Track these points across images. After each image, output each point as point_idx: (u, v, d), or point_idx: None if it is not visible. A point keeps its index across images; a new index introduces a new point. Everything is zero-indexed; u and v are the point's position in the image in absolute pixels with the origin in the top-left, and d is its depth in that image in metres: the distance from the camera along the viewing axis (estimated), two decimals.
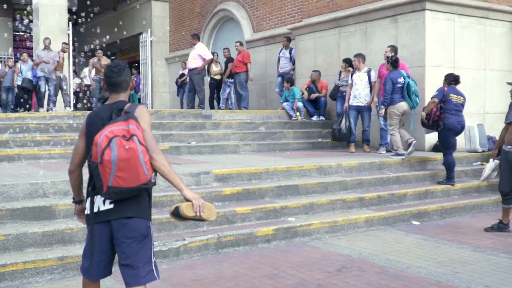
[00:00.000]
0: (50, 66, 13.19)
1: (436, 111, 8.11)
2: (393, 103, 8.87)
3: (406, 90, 8.81)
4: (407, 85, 8.82)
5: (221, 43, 17.17)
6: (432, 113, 8.14)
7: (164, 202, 5.95)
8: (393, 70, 9.01)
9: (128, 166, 2.88)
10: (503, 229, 6.67)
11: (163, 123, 10.06)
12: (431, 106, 8.14)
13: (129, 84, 3.25)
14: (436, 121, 8.16)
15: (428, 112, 8.16)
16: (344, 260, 5.36)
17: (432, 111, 8.13)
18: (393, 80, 8.88)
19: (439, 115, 8.11)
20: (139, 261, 3.03)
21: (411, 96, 8.85)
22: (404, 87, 8.82)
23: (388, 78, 8.95)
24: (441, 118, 8.12)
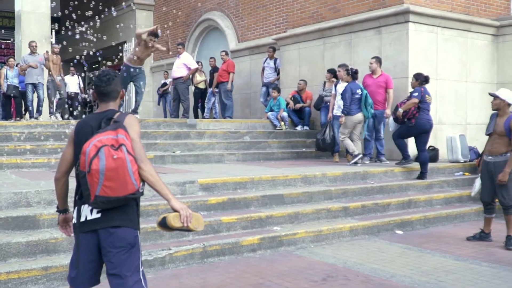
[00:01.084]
0: (37, 71, 12.67)
1: (413, 110, 8.58)
2: (350, 113, 9.36)
3: (364, 101, 9.38)
4: (364, 97, 9.39)
5: (205, 52, 17.21)
6: (410, 111, 8.57)
7: (149, 212, 5.93)
8: (352, 82, 9.53)
9: (116, 176, 2.88)
10: (485, 238, 6.76)
11: (148, 132, 10.04)
12: (411, 105, 8.57)
13: (119, 93, 3.25)
14: (410, 118, 8.62)
15: (406, 110, 8.56)
16: (329, 269, 5.39)
17: (410, 110, 8.56)
18: (352, 90, 9.38)
19: (415, 114, 8.60)
20: (127, 271, 3.02)
21: (367, 107, 9.43)
22: (362, 99, 9.37)
23: (348, 88, 9.43)
24: (415, 117, 8.61)
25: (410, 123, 8.66)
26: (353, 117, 9.42)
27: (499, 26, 11.57)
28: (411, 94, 8.80)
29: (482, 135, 6.84)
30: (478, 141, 10.66)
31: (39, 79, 12.78)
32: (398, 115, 8.66)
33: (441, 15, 10.63)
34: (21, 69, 12.74)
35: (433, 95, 10.62)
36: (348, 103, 9.35)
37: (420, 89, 8.69)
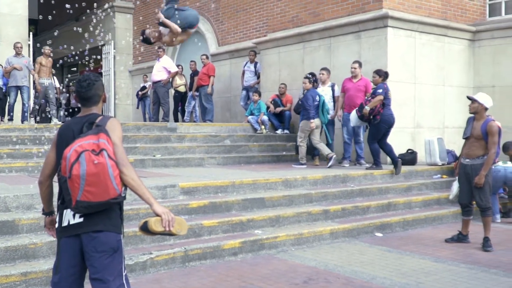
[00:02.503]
0: (22, 73, 12.15)
1: (379, 107, 8.90)
2: (309, 118, 9.64)
3: (321, 107, 9.77)
4: (322, 103, 9.77)
5: (185, 56, 17.18)
6: (375, 108, 8.88)
7: (130, 216, 5.90)
8: (312, 89, 9.88)
9: (97, 181, 2.87)
10: (463, 240, 6.87)
11: (128, 136, 9.98)
12: (377, 102, 8.88)
13: (101, 97, 3.24)
14: (375, 115, 8.93)
15: (373, 107, 8.85)
16: (310, 272, 5.42)
17: (376, 107, 8.85)
18: (313, 97, 9.70)
19: (380, 111, 8.93)
20: (110, 275, 3.01)
21: (324, 113, 9.83)
22: (320, 105, 9.73)
23: (309, 95, 9.74)
24: (380, 113, 8.93)
25: (375, 119, 8.98)
26: (312, 122, 9.78)
27: (475, 31, 11.77)
28: (375, 91, 9.03)
29: (460, 138, 6.96)
30: (456, 144, 10.82)
31: (23, 82, 12.26)
32: (365, 112, 8.93)
33: (419, 20, 10.78)
34: (5, 71, 12.24)
35: (411, 99, 10.79)
36: (311, 110, 9.70)
37: (383, 85, 9.04)
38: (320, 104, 9.81)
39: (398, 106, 10.52)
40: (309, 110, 9.69)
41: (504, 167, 8.24)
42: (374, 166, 9.29)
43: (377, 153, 9.28)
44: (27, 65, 12.43)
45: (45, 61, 12.77)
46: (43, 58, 12.77)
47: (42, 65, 12.70)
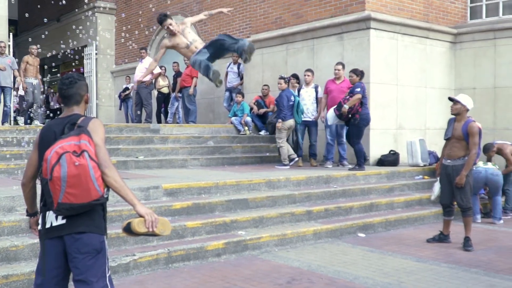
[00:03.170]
0: (6, 74, 11.83)
1: (357, 106, 9.03)
2: (284, 119, 9.75)
3: (296, 108, 9.87)
4: (297, 103, 9.88)
5: (168, 57, 17.08)
6: (354, 107, 9.01)
7: (113, 217, 5.86)
8: (287, 89, 9.98)
9: (78, 183, 2.86)
10: (444, 240, 6.94)
11: (110, 137, 9.90)
12: (355, 101, 9.01)
13: (82, 97, 3.21)
14: (354, 114, 9.05)
15: (351, 106, 8.98)
16: (293, 273, 5.44)
17: (355, 106, 8.98)
18: (288, 97, 9.79)
19: (358, 109, 9.07)
20: (93, 276, 3.00)
21: (299, 113, 9.93)
22: (294, 105, 9.81)
23: (284, 95, 9.84)
24: (359, 112, 9.06)
25: (355, 118, 9.11)
26: (287, 122, 9.87)
27: (456, 33, 11.91)
28: (353, 90, 9.13)
29: (441, 140, 7.03)
30: (437, 145, 10.93)
31: (7, 83, 11.96)
32: (344, 111, 9.05)
33: (401, 22, 10.88)
34: None
35: (393, 100, 10.89)
36: (285, 110, 9.78)
37: (361, 84, 9.19)
38: (295, 105, 9.91)
39: (381, 108, 10.63)
40: (283, 109, 9.79)
41: (485, 169, 8.35)
42: (357, 167, 9.35)
43: (361, 154, 9.36)
44: (10, 65, 12.15)
45: (31, 60, 12.57)
46: (29, 57, 12.57)
47: (28, 64, 12.49)
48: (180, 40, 7.39)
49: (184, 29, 7.40)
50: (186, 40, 7.41)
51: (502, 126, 11.24)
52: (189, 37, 7.40)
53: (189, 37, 7.41)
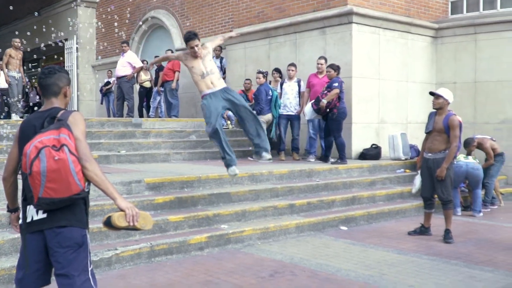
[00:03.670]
0: None
1: (335, 100, 9.15)
2: (263, 113, 9.85)
3: (274, 102, 10.02)
4: (275, 98, 10.03)
5: (150, 51, 17.02)
6: (332, 102, 9.14)
7: (95, 212, 5.82)
8: (265, 83, 10.13)
9: (58, 177, 2.82)
10: (425, 232, 7.01)
11: (92, 131, 9.82)
12: (333, 96, 9.13)
13: (60, 88, 3.15)
14: (332, 108, 9.16)
15: (329, 101, 9.09)
16: (276, 266, 5.46)
17: (333, 100, 9.11)
18: (266, 91, 9.92)
19: (336, 104, 9.19)
20: (74, 270, 2.97)
21: (276, 108, 10.08)
22: (272, 100, 9.96)
23: (262, 90, 9.96)
24: (337, 107, 9.18)
25: (332, 113, 9.22)
26: (265, 116, 9.93)
27: (438, 28, 12.00)
28: (330, 85, 9.19)
29: (422, 133, 7.09)
30: (418, 139, 11.01)
31: None
32: (322, 106, 9.15)
33: (383, 16, 10.93)
34: None
35: (375, 94, 10.95)
36: (263, 104, 9.84)
37: (338, 79, 9.31)
38: (273, 99, 9.98)
39: (363, 102, 10.69)
40: (260, 103, 9.87)
41: (466, 163, 8.45)
42: (339, 161, 9.40)
43: (343, 147, 9.44)
44: None
45: (14, 53, 12.38)
46: (12, 50, 12.38)
47: (11, 57, 12.30)
48: (197, 65, 6.61)
49: (206, 55, 6.65)
50: (204, 68, 6.61)
51: (482, 120, 11.38)
52: (208, 66, 6.61)
53: (208, 66, 6.62)
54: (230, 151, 6.51)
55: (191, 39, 6.50)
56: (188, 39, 6.53)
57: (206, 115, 6.42)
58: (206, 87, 6.57)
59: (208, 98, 6.49)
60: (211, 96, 6.51)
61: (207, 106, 6.42)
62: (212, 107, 6.41)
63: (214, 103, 6.43)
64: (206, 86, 6.56)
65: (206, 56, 6.64)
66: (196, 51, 6.53)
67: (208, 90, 6.54)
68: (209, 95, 6.52)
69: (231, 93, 6.60)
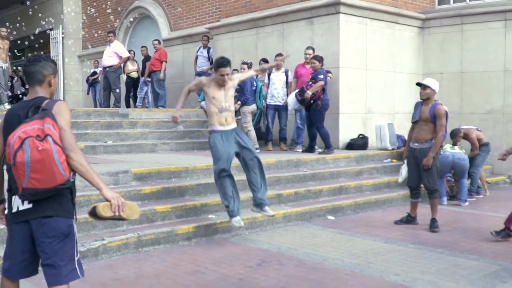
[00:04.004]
0: None
1: (320, 92, 9.22)
2: (247, 103, 9.83)
3: (259, 93, 10.04)
4: (259, 89, 10.03)
5: (137, 41, 16.90)
6: (317, 93, 9.20)
7: (81, 202, 5.79)
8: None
9: (42, 168, 2.80)
10: (411, 221, 7.07)
11: (78, 122, 9.77)
12: (318, 87, 9.19)
13: (45, 77, 3.11)
14: (316, 100, 9.24)
15: (314, 92, 9.16)
16: (264, 255, 5.47)
17: (317, 92, 9.18)
18: (251, 82, 9.89)
19: (320, 95, 9.26)
20: (61, 260, 2.96)
21: (261, 99, 10.08)
22: (256, 90, 9.97)
23: (247, 81, 9.86)
24: (321, 98, 9.27)
25: (316, 104, 9.30)
26: (250, 106, 9.93)
27: (424, 19, 12.04)
28: (315, 76, 9.22)
29: (409, 124, 7.13)
30: (405, 129, 11.03)
31: None
32: (307, 97, 9.19)
33: (370, 7, 10.94)
34: None
35: (362, 85, 10.98)
36: (247, 94, 9.84)
37: (323, 71, 9.35)
38: (257, 90, 10.00)
39: (350, 92, 10.72)
40: (245, 94, 9.86)
41: (452, 153, 8.51)
42: (326, 150, 9.44)
43: (327, 137, 9.51)
44: None
45: (1, 42, 12.22)
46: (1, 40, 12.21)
47: None
48: (219, 97, 6.03)
49: (230, 88, 6.13)
50: (225, 102, 6.05)
51: (468, 111, 11.46)
52: (228, 100, 6.09)
53: (229, 100, 6.10)
54: (233, 199, 5.98)
55: (224, 66, 5.93)
56: (221, 65, 5.93)
57: (215, 157, 5.96)
58: (219, 123, 6.02)
59: (219, 138, 5.98)
60: (222, 136, 6.00)
61: (218, 149, 5.93)
62: (224, 151, 5.92)
63: (226, 147, 5.94)
64: (219, 122, 6.01)
65: (230, 89, 6.12)
66: (225, 80, 5.97)
67: (220, 127, 6.02)
68: (219, 133, 6.01)
69: (240, 135, 6.18)
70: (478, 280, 4.70)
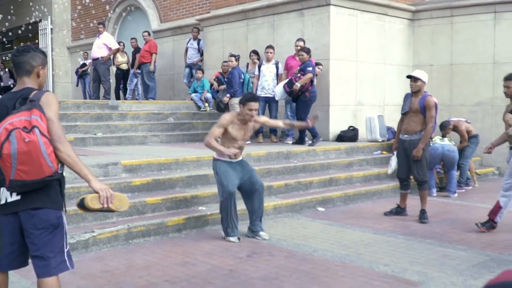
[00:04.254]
0: None
1: (308, 84, 9.26)
2: (236, 95, 9.85)
3: (247, 85, 10.09)
4: (247, 81, 10.07)
5: (127, 32, 16.79)
6: (305, 85, 9.23)
7: (71, 194, 5.77)
8: (237, 67, 10.10)
9: (29, 159, 2.79)
10: (401, 213, 7.11)
11: (67, 114, 9.72)
12: (307, 79, 9.21)
13: (33, 67, 3.09)
14: (304, 92, 9.29)
15: (303, 84, 9.19)
16: (254, 246, 5.49)
17: (306, 84, 9.21)
18: (239, 74, 9.94)
19: (308, 87, 9.31)
20: (50, 252, 2.96)
21: (248, 91, 10.09)
22: (244, 83, 10.02)
23: (236, 73, 9.96)
24: (309, 90, 9.32)
25: (304, 96, 9.35)
26: (238, 99, 9.76)
27: (415, 11, 12.05)
28: (304, 68, 9.24)
29: (399, 115, 7.14)
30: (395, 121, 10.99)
31: None
32: (295, 89, 9.23)
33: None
34: None
35: (353, 77, 10.99)
36: (236, 86, 9.89)
37: (312, 63, 9.34)
38: (245, 82, 10.02)
39: (340, 84, 10.72)
40: (234, 86, 9.89)
41: (442, 145, 8.56)
42: (314, 140, 9.52)
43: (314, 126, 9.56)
44: None
45: None
46: None
47: None
48: (240, 135, 5.76)
49: (252, 127, 5.91)
50: (244, 142, 5.86)
51: (458, 102, 11.51)
52: (246, 138, 5.89)
53: (246, 138, 5.91)
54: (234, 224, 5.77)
55: (254, 100, 5.67)
56: (251, 100, 5.65)
57: (222, 183, 5.69)
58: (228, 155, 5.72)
59: (225, 165, 5.77)
60: (228, 165, 5.80)
61: (223, 176, 5.69)
62: (230, 178, 5.69)
63: (231, 175, 5.73)
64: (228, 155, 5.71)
65: (251, 129, 5.89)
66: (253, 115, 5.65)
67: (227, 159, 5.80)
68: (226, 162, 5.81)
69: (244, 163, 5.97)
70: (466, 270, 4.74)
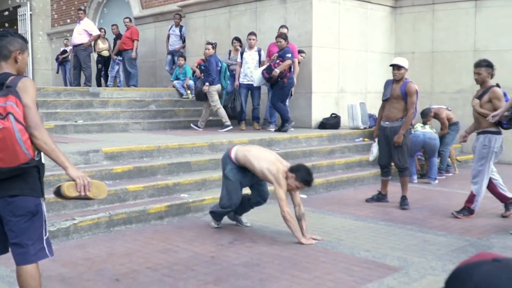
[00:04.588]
0: None
1: (286, 70, 9.30)
2: (213, 83, 9.86)
3: (224, 73, 10.06)
4: (225, 69, 10.06)
5: (108, 19, 16.59)
6: (284, 71, 9.26)
7: (51, 182, 5.70)
8: (215, 55, 10.04)
9: (4, 147, 2.75)
10: (382, 199, 7.17)
11: (47, 101, 9.61)
12: (286, 66, 9.25)
13: (10, 52, 3.04)
14: (283, 78, 9.31)
15: (282, 70, 9.22)
16: (236, 233, 5.50)
17: (285, 70, 9.25)
18: (216, 62, 9.90)
19: (287, 74, 9.35)
20: (28, 239, 2.93)
21: (225, 79, 10.15)
22: (222, 71, 9.99)
23: (213, 61, 9.90)
24: (287, 76, 9.35)
25: (283, 82, 9.38)
26: (215, 86, 9.94)
27: None
28: (283, 55, 9.24)
29: (381, 103, 7.17)
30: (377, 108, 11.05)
31: None
32: (274, 75, 9.22)
33: None
34: None
35: (335, 64, 10.99)
36: (214, 74, 9.84)
37: (289, 49, 9.34)
38: (222, 70, 9.99)
39: (322, 71, 10.73)
40: (211, 74, 9.85)
41: (423, 133, 8.62)
42: (287, 124, 9.64)
43: (285, 110, 9.72)
44: None
45: None
46: None
47: None
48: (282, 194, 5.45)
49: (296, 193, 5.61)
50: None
51: (439, 90, 11.59)
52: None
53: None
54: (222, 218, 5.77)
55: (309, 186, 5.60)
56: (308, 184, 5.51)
57: (230, 194, 5.52)
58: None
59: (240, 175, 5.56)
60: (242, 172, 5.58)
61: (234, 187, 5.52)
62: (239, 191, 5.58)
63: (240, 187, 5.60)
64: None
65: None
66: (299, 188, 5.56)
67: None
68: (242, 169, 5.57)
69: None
70: (445, 255, 4.80)
